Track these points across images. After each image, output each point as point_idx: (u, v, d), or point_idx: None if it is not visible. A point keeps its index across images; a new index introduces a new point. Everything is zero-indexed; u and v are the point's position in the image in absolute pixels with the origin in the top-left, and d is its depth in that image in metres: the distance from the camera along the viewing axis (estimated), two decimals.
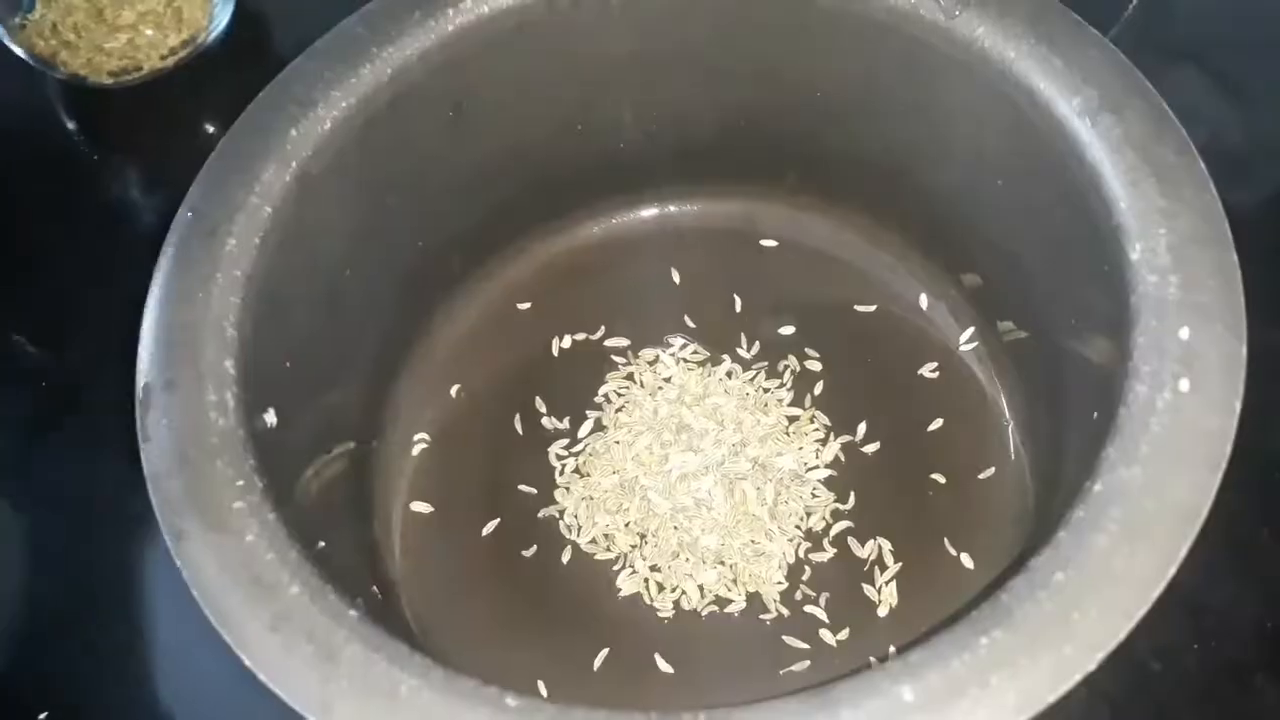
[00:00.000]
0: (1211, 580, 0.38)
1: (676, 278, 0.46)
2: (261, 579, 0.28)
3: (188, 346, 0.32)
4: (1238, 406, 0.27)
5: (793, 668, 0.37)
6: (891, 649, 0.36)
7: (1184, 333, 0.28)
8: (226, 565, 0.28)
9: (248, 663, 0.27)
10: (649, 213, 0.47)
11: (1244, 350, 0.28)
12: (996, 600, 0.26)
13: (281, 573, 0.28)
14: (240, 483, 0.30)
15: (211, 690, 0.39)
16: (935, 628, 0.26)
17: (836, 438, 0.42)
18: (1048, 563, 0.26)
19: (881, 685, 0.25)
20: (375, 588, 0.38)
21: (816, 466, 0.41)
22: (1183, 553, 0.26)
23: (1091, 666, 0.25)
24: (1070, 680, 0.24)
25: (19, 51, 0.52)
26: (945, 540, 0.39)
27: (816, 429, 0.42)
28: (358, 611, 0.28)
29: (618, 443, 0.42)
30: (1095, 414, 0.31)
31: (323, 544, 0.31)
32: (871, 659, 0.36)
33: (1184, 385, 0.28)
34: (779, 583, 0.39)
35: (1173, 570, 0.25)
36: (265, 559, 0.28)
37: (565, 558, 0.40)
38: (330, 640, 0.27)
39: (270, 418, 0.33)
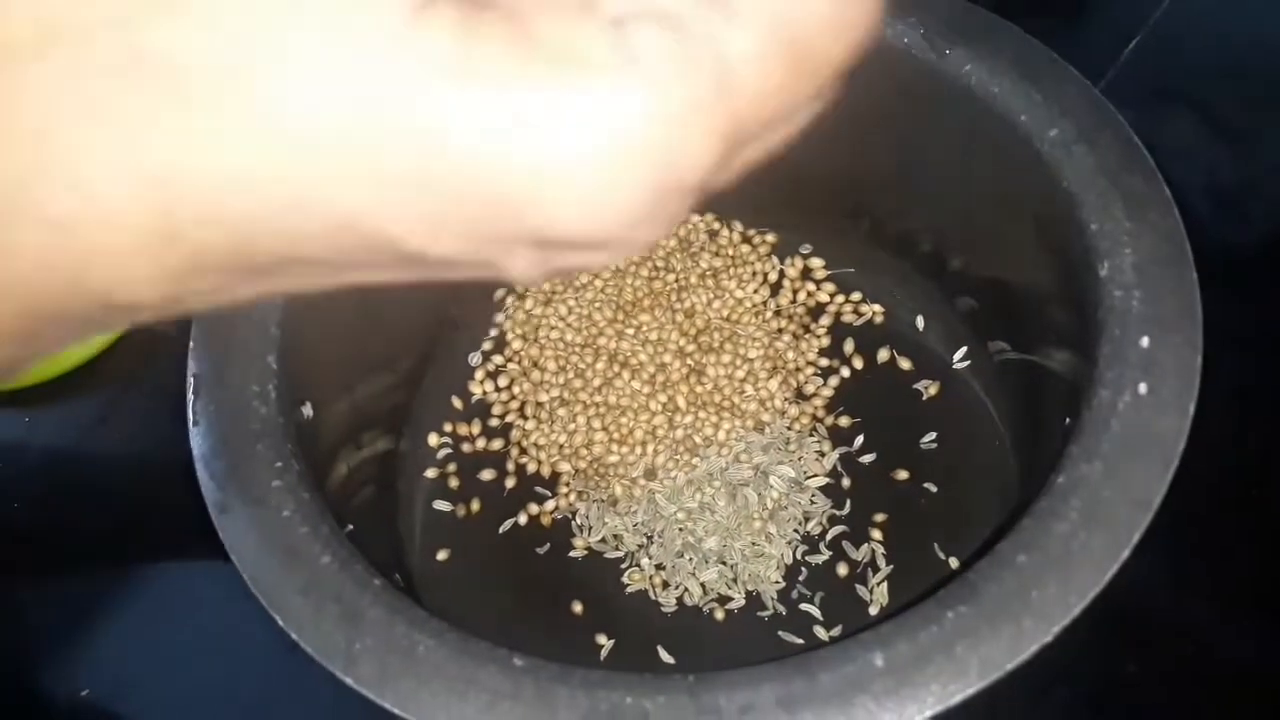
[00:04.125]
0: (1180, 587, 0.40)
1: None
2: (295, 549, 0.31)
3: (235, 343, 0.35)
4: (1191, 409, 0.30)
5: None
6: None
7: (1144, 342, 0.31)
8: (264, 536, 0.31)
9: (281, 622, 0.29)
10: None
11: (1199, 359, 0.30)
12: (964, 579, 0.28)
13: (314, 545, 0.31)
14: (279, 464, 0.32)
15: (247, 670, 0.42)
16: (909, 603, 0.28)
17: (835, 448, 0.44)
18: (1011, 546, 0.28)
19: (855, 652, 0.27)
20: (398, 576, 0.40)
21: (816, 475, 0.43)
22: (1135, 538, 0.28)
23: (1048, 638, 0.27)
24: (1028, 650, 0.27)
25: None
26: (935, 545, 0.41)
27: (817, 440, 0.44)
28: (381, 581, 0.30)
29: None
30: (1067, 420, 0.33)
31: (351, 527, 0.34)
32: None
33: (1143, 389, 0.30)
34: (777, 582, 0.41)
35: (1126, 554, 0.28)
36: (299, 532, 0.31)
37: (576, 555, 0.43)
38: (356, 604, 0.30)
39: (307, 410, 0.36)
